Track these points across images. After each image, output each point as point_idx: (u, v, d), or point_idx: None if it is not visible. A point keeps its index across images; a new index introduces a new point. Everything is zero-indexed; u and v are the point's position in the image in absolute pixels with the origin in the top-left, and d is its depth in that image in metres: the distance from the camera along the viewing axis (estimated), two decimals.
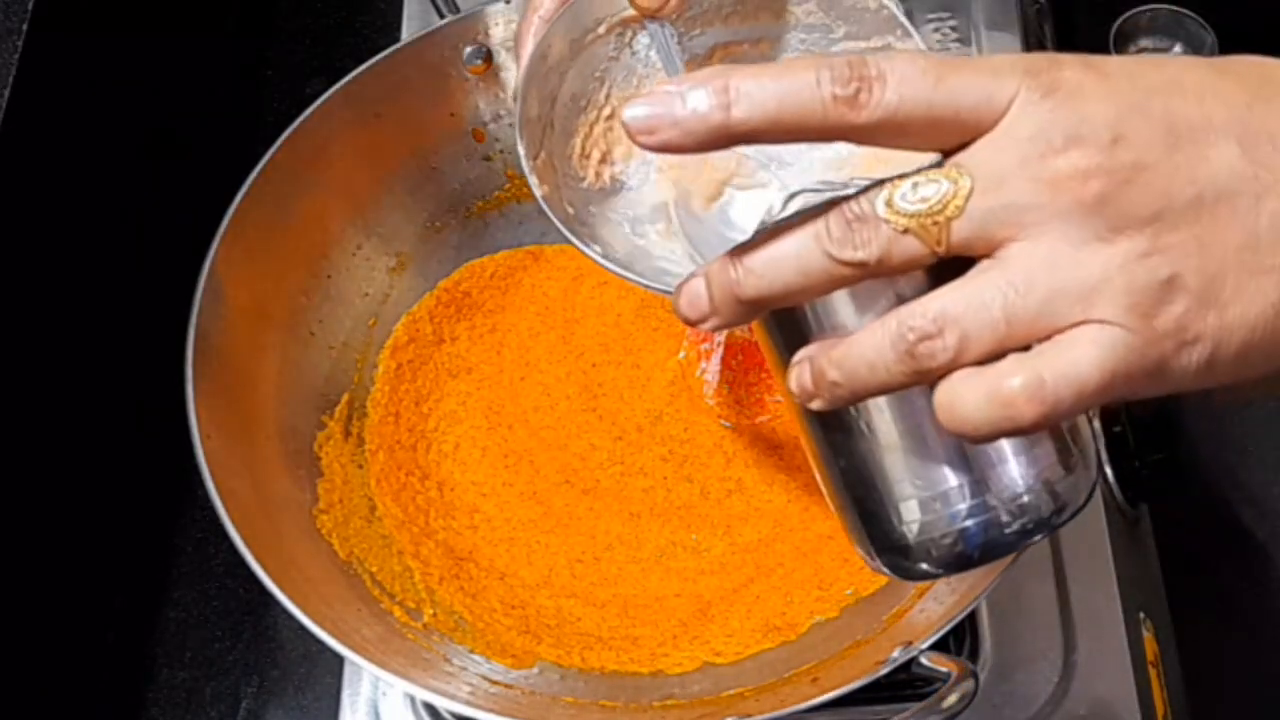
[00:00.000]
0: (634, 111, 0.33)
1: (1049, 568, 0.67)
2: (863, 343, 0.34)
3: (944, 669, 0.51)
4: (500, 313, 0.72)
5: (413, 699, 0.65)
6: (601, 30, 0.52)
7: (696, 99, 0.33)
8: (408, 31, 0.84)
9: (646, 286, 0.49)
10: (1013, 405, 0.32)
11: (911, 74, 0.32)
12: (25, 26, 0.66)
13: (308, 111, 0.65)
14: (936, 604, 0.57)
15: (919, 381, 0.33)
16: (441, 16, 0.69)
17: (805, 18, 0.52)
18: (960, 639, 0.65)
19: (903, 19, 0.48)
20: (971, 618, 0.65)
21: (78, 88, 0.72)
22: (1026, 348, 0.32)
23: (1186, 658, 0.67)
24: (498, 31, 0.69)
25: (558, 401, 0.69)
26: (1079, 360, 0.32)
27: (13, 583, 0.67)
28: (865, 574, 0.63)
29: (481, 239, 0.73)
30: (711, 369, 0.68)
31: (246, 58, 0.89)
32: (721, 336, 0.69)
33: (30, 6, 0.66)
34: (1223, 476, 0.73)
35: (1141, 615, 0.67)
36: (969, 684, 0.50)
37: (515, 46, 0.53)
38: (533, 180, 0.50)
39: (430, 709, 0.65)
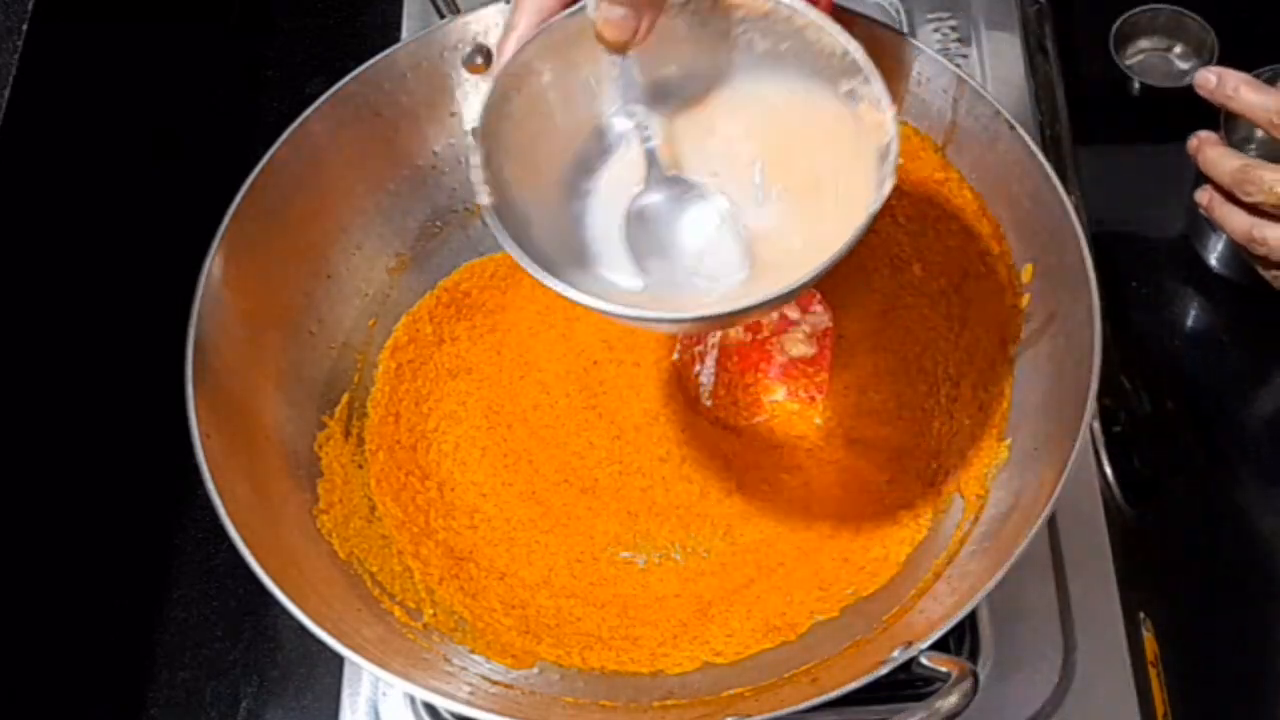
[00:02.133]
0: None
1: (1049, 568, 0.67)
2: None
3: (944, 669, 0.51)
4: (500, 312, 0.72)
5: (413, 699, 0.66)
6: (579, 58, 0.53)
7: None
8: (408, 31, 0.84)
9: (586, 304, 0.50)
10: None
11: None
12: (25, 26, 0.66)
13: (308, 111, 0.65)
14: (936, 604, 0.57)
15: None
16: (441, 16, 0.69)
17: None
18: (960, 639, 0.65)
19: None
20: (971, 618, 0.66)
21: (78, 87, 0.72)
22: None
23: (1186, 658, 0.67)
24: (497, 31, 0.69)
25: (557, 400, 0.69)
26: None
27: (13, 583, 0.67)
28: (865, 574, 0.63)
29: (481, 239, 0.73)
30: (706, 371, 0.68)
31: (246, 57, 0.89)
32: (715, 339, 0.69)
33: (30, 6, 0.67)
34: (1222, 476, 0.73)
35: (1141, 615, 0.67)
36: (969, 684, 0.50)
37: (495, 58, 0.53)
38: (482, 190, 0.50)
39: (430, 709, 0.65)
